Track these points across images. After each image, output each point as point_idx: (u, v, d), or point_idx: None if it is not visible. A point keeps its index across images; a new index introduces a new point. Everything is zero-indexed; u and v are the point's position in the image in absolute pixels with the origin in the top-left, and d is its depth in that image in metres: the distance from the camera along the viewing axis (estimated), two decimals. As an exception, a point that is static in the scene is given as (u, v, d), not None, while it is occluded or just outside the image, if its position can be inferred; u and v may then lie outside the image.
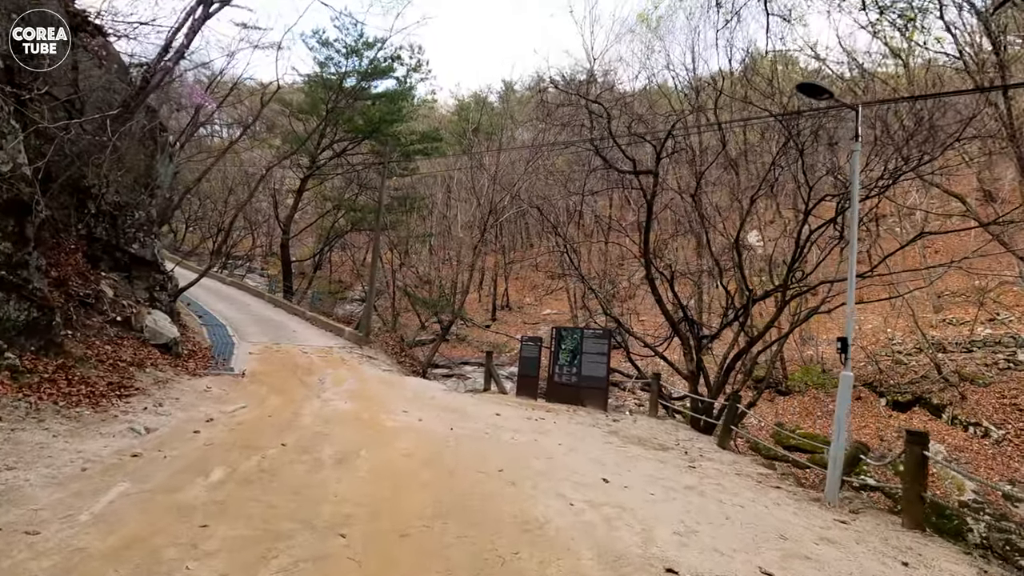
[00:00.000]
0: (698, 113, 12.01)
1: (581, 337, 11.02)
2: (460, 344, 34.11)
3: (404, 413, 8.19)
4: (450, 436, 6.90)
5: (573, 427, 8.79)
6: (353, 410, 7.98)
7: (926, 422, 15.31)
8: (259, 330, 13.95)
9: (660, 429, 9.51)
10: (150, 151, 11.08)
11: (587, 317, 18.68)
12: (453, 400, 9.93)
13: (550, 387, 11.21)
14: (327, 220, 24.89)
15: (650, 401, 10.77)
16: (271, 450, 5.49)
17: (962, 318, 20.83)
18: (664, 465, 6.76)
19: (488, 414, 8.91)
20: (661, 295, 10.56)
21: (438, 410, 8.76)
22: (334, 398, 8.77)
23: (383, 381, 10.78)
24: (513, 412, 9.45)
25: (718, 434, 9.23)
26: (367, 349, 13.84)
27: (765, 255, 20.65)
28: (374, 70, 22.25)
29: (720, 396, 10.14)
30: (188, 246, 36.66)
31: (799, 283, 9.55)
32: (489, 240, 39.57)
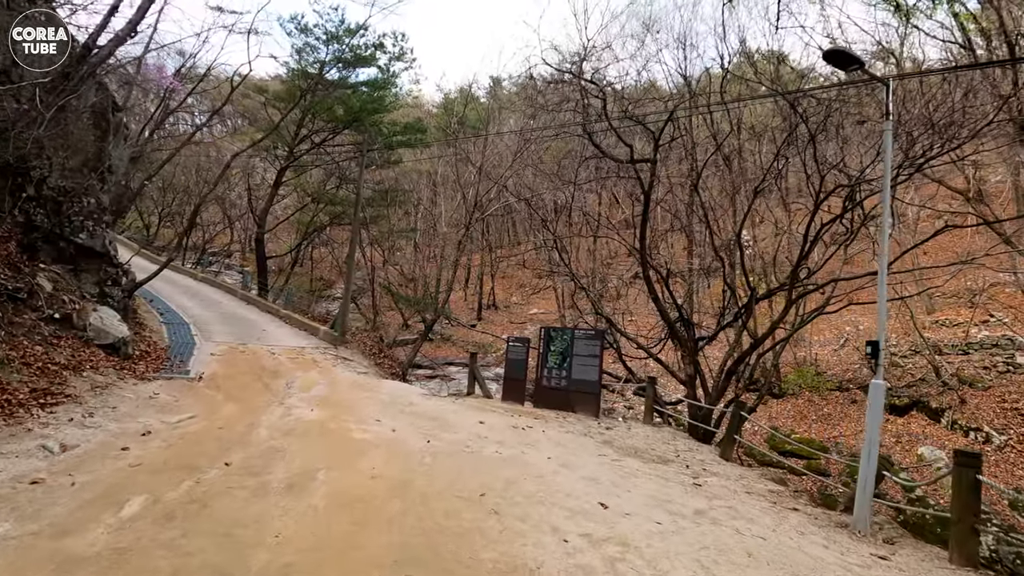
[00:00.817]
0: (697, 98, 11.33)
1: (571, 338, 10.27)
2: (444, 344, 33.24)
3: (377, 423, 7.36)
4: (426, 451, 6.09)
5: (564, 437, 8.03)
6: (319, 419, 7.12)
7: (924, 426, 14.87)
8: (226, 329, 12.97)
9: (657, 438, 8.80)
10: (102, 131, 10.07)
11: (576, 317, 17.99)
12: (433, 406, 9.11)
13: (538, 391, 10.44)
14: (306, 214, 23.84)
15: (645, 407, 10.06)
16: (211, 472, 4.64)
17: (955, 319, 20.52)
18: (666, 483, 6.03)
19: (470, 423, 8.12)
20: (657, 294, 9.85)
21: (415, 419, 7.94)
22: (300, 405, 7.91)
23: (357, 385, 9.92)
24: (498, 420, 8.66)
25: (720, 444, 8.55)
26: (343, 350, 12.95)
27: (756, 254, 20.13)
28: (355, 58, 21.27)
29: (720, 402, 9.45)
30: (163, 241, 35.30)
31: (804, 281, 8.90)
32: (475, 237, 38.79)
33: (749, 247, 21.33)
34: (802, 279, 8.72)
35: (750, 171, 16.74)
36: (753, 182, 9.15)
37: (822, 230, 8.05)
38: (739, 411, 8.15)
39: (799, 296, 8.70)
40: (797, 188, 15.84)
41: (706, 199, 11.95)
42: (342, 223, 22.39)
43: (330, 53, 20.26)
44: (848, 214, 8.42)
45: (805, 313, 9.65)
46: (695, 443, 8.96)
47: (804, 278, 8.78)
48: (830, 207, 8.78)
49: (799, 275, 8.60)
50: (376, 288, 23.62)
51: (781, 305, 19.50)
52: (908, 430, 14.89)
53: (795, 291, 8.68)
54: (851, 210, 8.07)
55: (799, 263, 8.53)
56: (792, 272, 8.57)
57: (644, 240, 9.43)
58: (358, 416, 7.63)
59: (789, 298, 8.63)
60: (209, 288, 19.87)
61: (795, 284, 8.62)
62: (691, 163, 11.07)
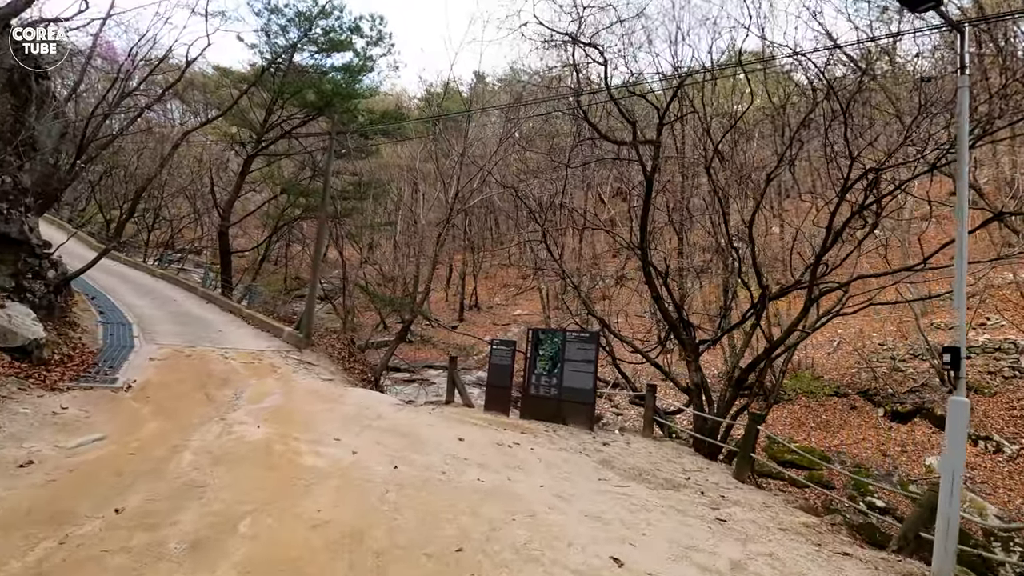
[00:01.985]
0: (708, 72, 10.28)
1: (563, 341, 9.19)
2: (424, 346, 31.93)
3: (335, 442, 6.16)
4: (391, 481, 4.92)
5: (556, 456, 6.93)
6: (264, 439, 5.90)
7: (930, 435, 14.14)
8: (176, 330, 11.59)
9: (661, 455, 7.76)
10: (21, 99, 8.67)
11: (566, 317, 16.92)
12: (405, 419, 7.93)
13: (525, 401, 9.33)
14: (275, 207, 22.34)
15: (644, 419, 9.01)
16: (89, 524, 3.42)
17: (949, 322, 20.00)
18: (685, 518, 4.96)
19: (448, 439, 6.96)
20: (659, 291, 8.82)
21: (383, 436, 6.75)
22: (245, 420, 6.66)
23: (318, 395, 8.68)
24: (480, 435, 7.53)
25: (735, 463, 7.53)
26: (307, 353, 11.66)
27: (759, 251, 19.25)
28: (329, 42, 19.94)
29: (727, 413, 8.44)
30: (125, 236, 33.27)
31: (822, 279, 7.95)
32: (457, 235, 37.58)
33: (740, 247, 20.57)
34: (820, 276, 7.75)
35: (753, 163, 15.86)
36: (760, 171, 8.16)
37: (851, 218, 7.10)
38: (754, 425, 7.14)
39: (820, 294, 7.74)
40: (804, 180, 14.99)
41: (708, 191, 11.00)
42: (315, 216, 20.96)
43: (301, 34, 18.90)
44: (873, 205, 7.49)
45: (820, 314, 8.67)
46: (703, 460, 7.94)
47: (821, 275, 7.81)
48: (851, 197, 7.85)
49: (818, 272, 7.64)
50: (350, 287, 22.22)
51: (782, 307, 18.62)
52: (913, 439, 14.15)
53: (815, 289, 7.71)
54: (879, 200, 7.15)
55: (820, 257, 7.58)
56: (812, 268, 7.61)
57: (645, 230, 8.39)
58: (314, 434, 6.42)
59: (809, 297, 7.66)
60: (167, 285, 18.32)
61: (815, 282, 7.65)
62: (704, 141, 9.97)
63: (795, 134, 8.20)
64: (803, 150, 8.59)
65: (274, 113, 19.35)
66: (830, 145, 7.42)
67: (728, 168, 10.51)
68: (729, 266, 11.17)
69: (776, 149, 8.79)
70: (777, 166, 8.25)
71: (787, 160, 8.30)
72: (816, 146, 9.03)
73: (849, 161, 6.64)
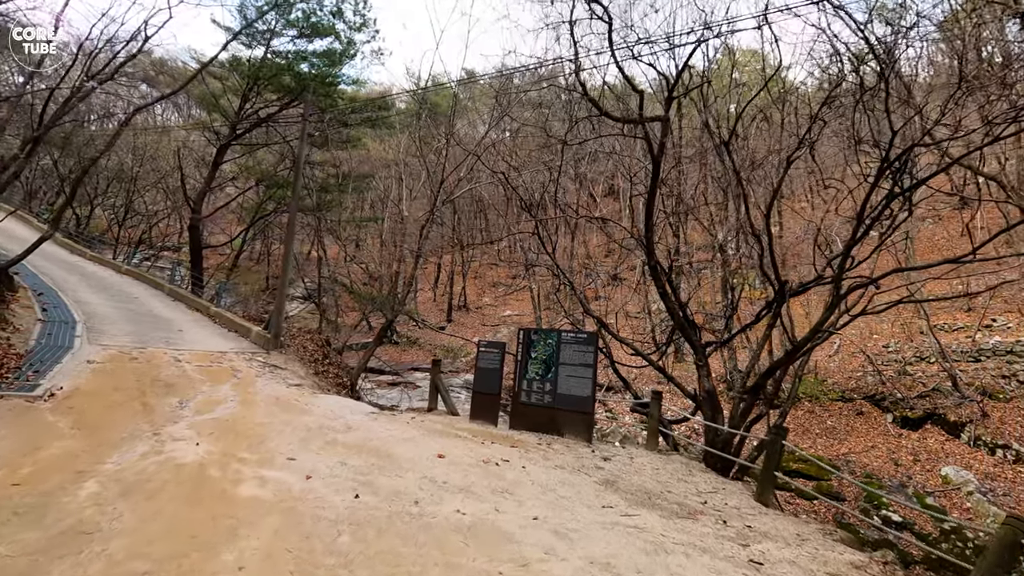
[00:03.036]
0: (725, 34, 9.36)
1: (557, 342, 8.23)
2: (411, 348, 30.84)
3: (288, 463, 5.14)
4: (347, 519, 3.92)
5: (551, 476, 5.96)
6: (198, 462, 4.87)
7: (943, 442, 13.37)
8: (129, 329, 10.46)
9: (669, 473, 6.82)
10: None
11: (558, 317, 15.97)
12: (379, 432, 6.92)
13: (515, 409, 8.35)
14: (252, 199, 21.15)
15: (649, 429, 8.07)
16: None
17: (952, 323, 19.36)
18: (713, 561, 4.01)
19: (426, 457, 5.97)
20: (666, 288, 7.89)
21: (349, 453, 5.74)
22: (183, 436, 5.61)
23: (280, 403, 7.63)
24: (464, 450, 6.54)
25: (751, 482, 6.62)
26: (276, 355, 10.59)
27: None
28: (311, 27, 18.84)
29: (742, 423, 7.53)
30: (97, 232, 31.80)
31: (849, 273, 7.07)
32: (445, 233, 36.54)
33: (733, 248, 19.63)
34: (848, 269, 6.87)
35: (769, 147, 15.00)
36: (774, 155, 7.27)
37: (890, 201, 6.21)
38: (779, 439, 6.23)
39: (849, 291, 6.85)
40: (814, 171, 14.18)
41: (711, 179, 10.10)
42: (300, 212, 19.79)
43: (279, 16, 17.80)
44: (915, 188, 6.62)
45: (840, 313, 7.79)
46: (716, 478, 7.01)
47: (848, 268, 6.92)
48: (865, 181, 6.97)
49: (847, 264, 6.75)
50: (326, 282, 21.10)
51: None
52: (925, 447, 13.38)
53: (843, 284, 6.82)
54: (925, 181, 6.29)
55: (849, 249, 6.69)
56: (841, 260, 6.71)
57: (651, 218, 7.46)
58: (264, 452, 5.39)
59: (835, 294, 6.77)
60: (131, 282, 17.09)
61: (842, 275, 6.76)
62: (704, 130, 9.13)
63: (820, 109, 7.32)
64: (827, 128, 7.70)
65: (250, 100, 18.20)
66: (867, 117, 6.52)
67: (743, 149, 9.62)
68: (737, 261, 10.29)
69: (776, 142, 7.90)
70: (797, 148, 7.35)
71: (807, 142, 7.41)
72: (835, 127, 8.18)
73: (890, 134, 5.76)
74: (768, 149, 11.83)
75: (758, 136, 18.60)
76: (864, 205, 6.59)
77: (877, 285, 6.90)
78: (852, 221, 7.60)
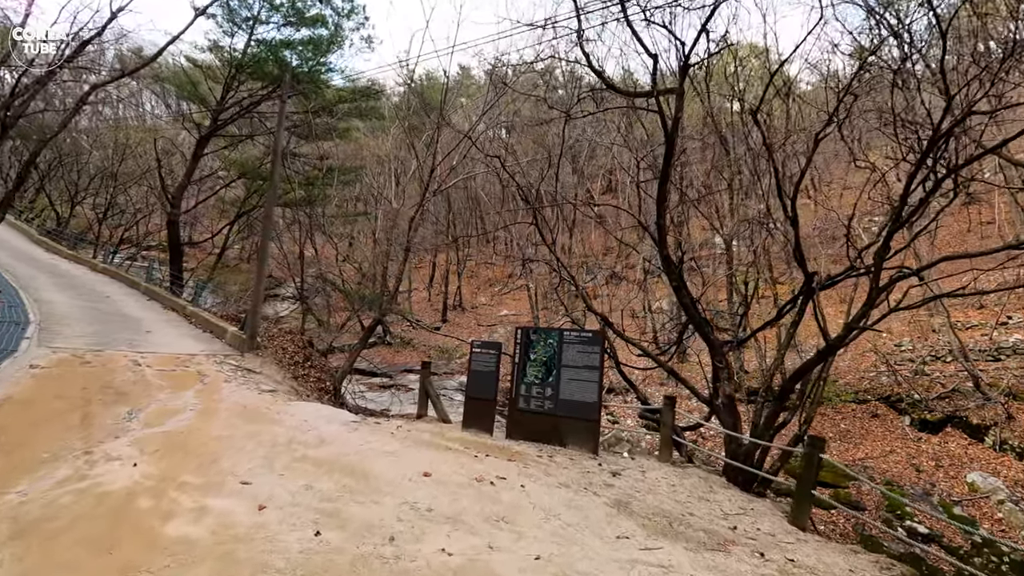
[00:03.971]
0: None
1: (559, 342, 7.41)
2: (404, 348, 29.96)
3: (241, 488, 4.30)
4: (298, 567, 3.08)
5: (555, 497, 5.13)
6: (128, 488, 4.02)
7: (965, 447, 12.61)
8: (91, 330, 9.57)
9: (688, 490, 6.00)
10: None
11: (556, 316, 15.13)
12: (357, 444, 6.07)
13: (513, 417, 7.53)
14: (238, 194, 20.22)
15: (661, 439, 7.25)
16: None
17: (965, 321, 18.63)
18: (763, 617, 3.19)
19: (409, 476, 5.13)
20: (682, 283, 7.07)
21: (318, 474, 4.90)
22: (120, 455, 4.76)
23: (247, 412, 6.77)
24: (454, 466, 5.71)
25: (779, 499, 5.83)
26: (252, 358, 9.71)
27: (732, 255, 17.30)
28: (296, 15, 17.96)
29: (767, 432, 6.72)
30: (77, 229, 30.73)
31: (891, 263, 6.28)
32: (440, 232, 35.68)
33: (722, 249, 18.66)
34: (888, 257, 6.07)
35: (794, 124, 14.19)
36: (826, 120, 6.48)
37: (940, 181, 5.41)
38: (816, 453, 5.43)
39: (892, 282, 6.05)
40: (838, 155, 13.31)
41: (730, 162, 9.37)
42: (281, 205, 18.91)
43: (263, 4, 16.93)
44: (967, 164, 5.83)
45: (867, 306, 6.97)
46: (740, 495, 6.20)
47: (888, 255, 6.12)
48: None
49: (886, 253, 5.95)
50: (317, 283, 20.23)
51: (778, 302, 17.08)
52: (947, 451, 12.62)
53: (883, 275, 6.02)
54: (980, 156, 5.52)
55: (891, 235, 5.89)
56: (880, 248, 5.91)
57: (664, 204, 6.64)
58: (215, 474, 4.55)
59: (875, 286, 5.96)
60: (106, 281, 16.18)
61: (882, 263, 5.96)
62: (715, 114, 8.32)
63: (849, 84, 6.51)
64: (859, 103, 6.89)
65: (232, 90, 17.30)
66: (907, 87, 5.75)
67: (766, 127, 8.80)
68: (751, 254, 9.49)
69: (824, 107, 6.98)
70: (827, 124, 6.56)
71: (838, 118, 6.61)
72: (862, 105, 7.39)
73: (946, 98, 4.96)
74: (786, 131, 11.05)
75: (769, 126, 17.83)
76: (907, 187, 5.79)
77: (921, 277, 6.12)
78: (885, 206, 6.79)
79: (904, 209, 5.79)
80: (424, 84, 27.35)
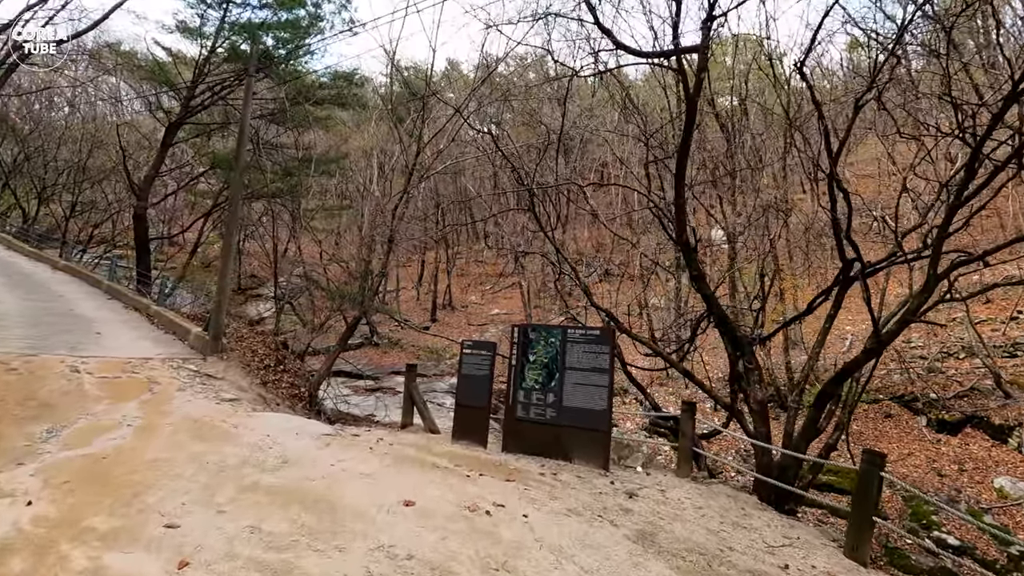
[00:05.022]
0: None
1: (562, 340, 6.48)
2: (393, 350, 28.89)
3: (163, 533, 3.31)
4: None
5: (564, 530, 4.19)
6: (3, 540, 3.01)
7: (989, 449, 11.87)
8: (28, 332, 8.46)
9: (719, 514, 5.10)
10: None
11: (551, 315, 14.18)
12: (324, 465, 5.09)
13: (510, 427, 6.59)
14: (208, 186, 19.03)
15: (680, 451, 6.34)
16: None
17: (974, 316, 18.00)
18: None
19: (386, 507, 4.17)
20: (703, 270, 6.17)
21: (268, 507, 3.91)
22: (16, 488, 3.75)
23: (197, 427, 5.76)
24: (442, 490, 4.75)
25: (835, 531, 4.97)
26: (215, 362, 8.66)
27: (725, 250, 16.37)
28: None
29: (807, 444, 5.85)
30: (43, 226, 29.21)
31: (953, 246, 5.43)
32: (429, 228, 34.61)
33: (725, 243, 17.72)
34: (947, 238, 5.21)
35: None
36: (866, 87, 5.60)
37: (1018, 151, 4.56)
38: (876, 471, 4.55)
39: (953, 267, 5.19)
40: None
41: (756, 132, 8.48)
42: (254, 197, 17.78)
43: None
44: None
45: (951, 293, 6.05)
46: (780, 519, 5.31)
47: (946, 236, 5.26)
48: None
49: (946, 233, 5.09)
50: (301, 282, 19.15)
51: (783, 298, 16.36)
52: (969, 453, 11.89)
53: (942, 260, 5.16)
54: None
55: (952, 214, 5.02)
56: (940, 231, 5.04)
57: (682, 179, 5.73)
58: (133, 514, 3.55)
59: (932, 271, 5.11)
60: (65, 279, 14.98)
61: (942, 245, 5.11)
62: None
63: (893, 50, 5.65)
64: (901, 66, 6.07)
65: (205, 73, 16.16)
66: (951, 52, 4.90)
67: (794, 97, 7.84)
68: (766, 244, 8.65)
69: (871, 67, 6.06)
70: (868, 89, 5.69)
71: (880, 82, 5.74)
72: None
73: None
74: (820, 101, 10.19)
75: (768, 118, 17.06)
76: (973, 158, 4.93)
77: (986, 262, 5.25)
78: (932, 183, 5.96)
79: (972, 181, 4.91)
80: (410, 75, 26.27)
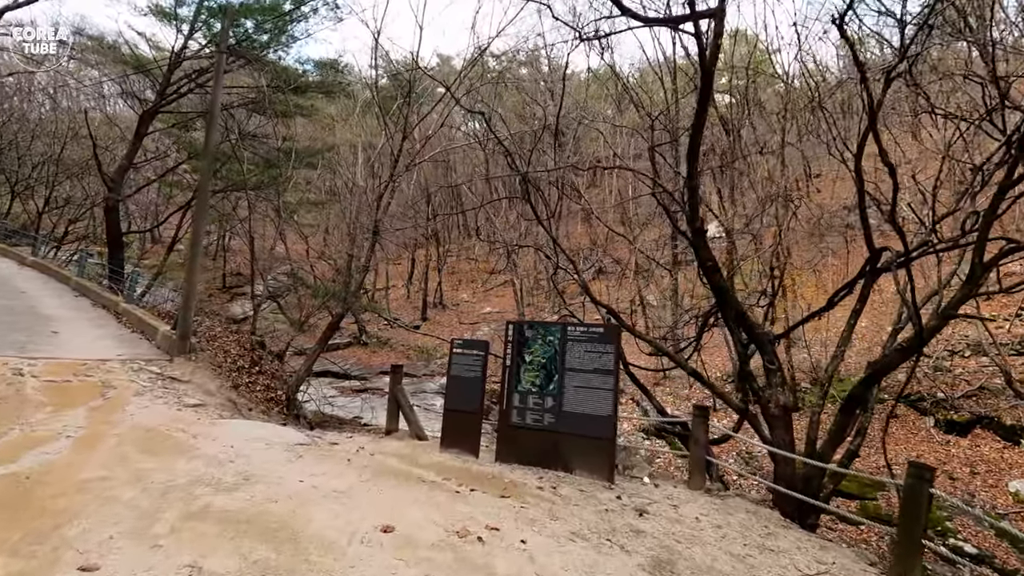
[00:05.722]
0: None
1: (561, 339, 5.88)
2: (382, 349, 28.16)
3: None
4: None
5: (570, 562, 3.59)
6: None
7: (1000, 450, 11.46)
8: (-20, 332, 7.73)
9: (739, 533, 4.52)
10: None
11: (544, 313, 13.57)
12: (291, 483, 4.44)
13: (504, 434, 5.98)
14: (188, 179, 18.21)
15: (692, 462, 5.75)
16: None
17: (975, 313, 17.66)
18: None
19: (360, 535, 3.54)
20: (716, 260, 5.59)
21: (216, 538, 3.26)
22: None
23: (148, 437, 5.08)
24: (427, 510, 4.13)
25: (893, 556, 4.44)
26: (181, 363, 7.95)
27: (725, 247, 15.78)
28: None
29: (833, 453, 5.31)
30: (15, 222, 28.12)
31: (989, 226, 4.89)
32: (419, 225, 33.89)
33: (723, 239, 17.15)
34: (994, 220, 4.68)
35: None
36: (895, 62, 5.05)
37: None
38: (924, 485, 3.98)
39: (1002, 254, 4.66)
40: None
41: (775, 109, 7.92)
42: (234, 189, 16.99)
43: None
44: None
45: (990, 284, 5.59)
46: (807, 538, 4.74)
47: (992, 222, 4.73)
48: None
49: (993, 219, 4.55)
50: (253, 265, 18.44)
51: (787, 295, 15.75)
52: (980, 455, 11.47)
53: (988, 245, 4.62)
54: None
55: (1001, 196, 4.49)
56: (986, 217, 4.50)
57: (695, 160, 5.15)
58: (45, 551, 2.89)
59: (977, 260, 4.57)
60: (32, 275, 14.15)
61: (988, 233, 4.56)
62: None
63: (926, 22, 5.10)
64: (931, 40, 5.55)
65: (182, 60, 15.36)
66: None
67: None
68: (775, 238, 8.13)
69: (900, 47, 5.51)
70: (899, 60, 5.13)
71: (912, 54, 5.19)
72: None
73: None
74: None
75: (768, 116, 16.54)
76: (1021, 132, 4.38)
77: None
78: (966, 168, 5.43)
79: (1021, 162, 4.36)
80: (398, 66, 25.54)
